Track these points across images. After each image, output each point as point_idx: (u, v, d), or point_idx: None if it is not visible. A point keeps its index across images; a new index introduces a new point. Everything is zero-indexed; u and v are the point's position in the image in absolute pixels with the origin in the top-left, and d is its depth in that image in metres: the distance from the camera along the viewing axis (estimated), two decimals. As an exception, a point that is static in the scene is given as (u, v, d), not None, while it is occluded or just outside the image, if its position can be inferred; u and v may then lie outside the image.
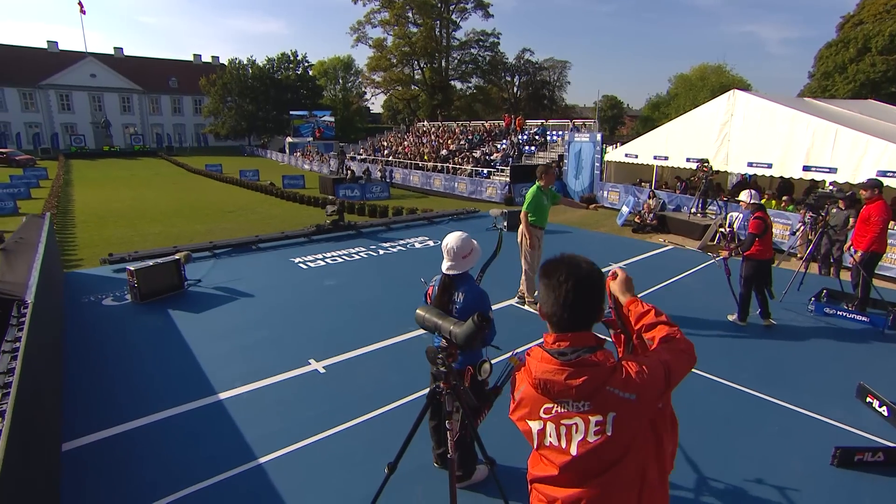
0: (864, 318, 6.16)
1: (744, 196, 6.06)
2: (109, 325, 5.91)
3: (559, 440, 1.39)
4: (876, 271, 6.75)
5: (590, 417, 1.36)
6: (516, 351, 3.00)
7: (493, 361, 2.99)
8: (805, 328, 5.96)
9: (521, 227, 6.39)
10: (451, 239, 2.90)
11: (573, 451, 1.38)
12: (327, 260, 8.67)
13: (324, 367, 4.79)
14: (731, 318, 6.16)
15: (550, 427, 1.40)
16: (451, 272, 2.86)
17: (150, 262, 6.57)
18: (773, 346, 5.42)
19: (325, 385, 4.50)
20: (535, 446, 1.45)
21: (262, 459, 3.46)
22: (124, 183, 27.89)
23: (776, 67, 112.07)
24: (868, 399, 4.23)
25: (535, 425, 1.42)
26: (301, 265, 8.36)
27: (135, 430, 3.85)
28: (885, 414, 4.04)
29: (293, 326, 5.87)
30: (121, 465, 3.45)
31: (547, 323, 1.47)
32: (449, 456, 2.31)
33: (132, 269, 6.32)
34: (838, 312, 6.36)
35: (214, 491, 3.19)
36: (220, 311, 6.32)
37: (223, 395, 4.28)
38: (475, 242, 2.97)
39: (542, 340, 1.48)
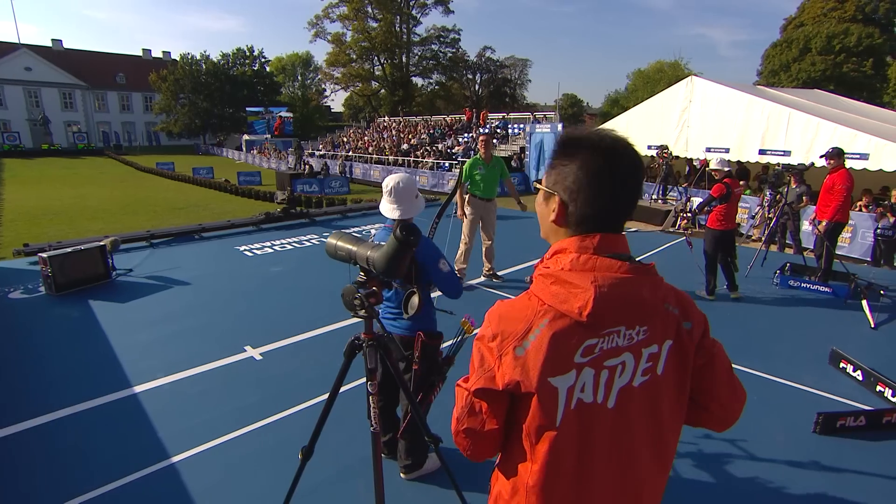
0: (826, 289, 6.08)
1: (713, 164, 5.88)
2: (11, 318, 5.16)
3: (595, 393, 0.95)
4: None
5: (642, 350, 0.97)
6: (469, 316, 2.61)
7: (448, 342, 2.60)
8: (771, 300, 5.83)
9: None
10: (395, 178, 2.40)
11: (611, 402, 0.96)
12: (276, 247, 8.06)
13: (261, 354, 4.26)
14: (700, 293, 5.97)
15: (587, 375, 0.94)
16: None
17: (69, 250, 5.84)
18: (742, 318, 5.24)
19: (260, 373, 3.97)
20: (553, 421, 0.94)
21: (175, 458, 2.92)
22: (64, 181, 26.14)
23: (727, 69, 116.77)
24: (842, 364, 4.04)
25: (563, 382, 0.92)
26: (246, 253, 7.73)
27: (21, 433, 3.23)
28: (860, 378, 3.85)
29: (230, 313, 5.28)
30: None
31: (576, 222, 0.98)
32: (372, 428, 1.87)
33: (45, 256, 5.58)
34: (802, 284, 6.27)
35: (109, 499, 2.64)
36: (150, 300, 5.67)
37: (139, 388, 3.70)
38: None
39: (558, 250, 0.99)
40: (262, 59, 53.27)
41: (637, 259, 0.98)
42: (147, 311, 5.32)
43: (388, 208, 2.41)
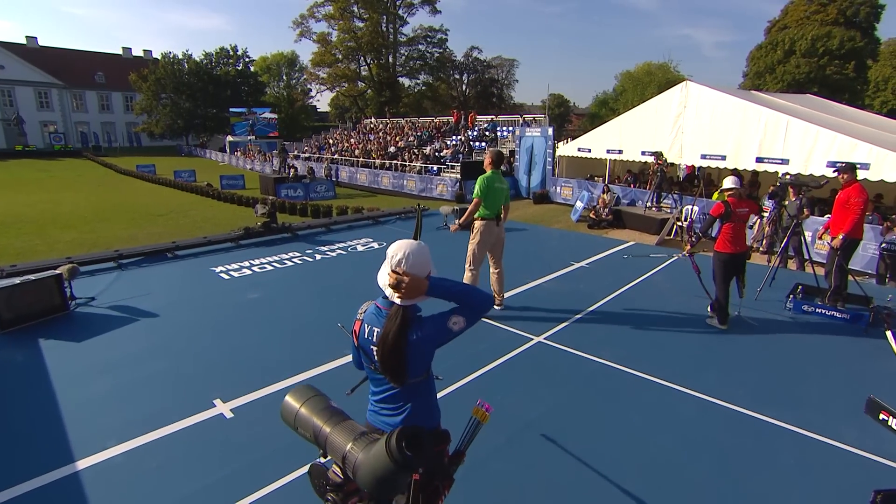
0: (844, 316, 5.72)
1: (726, 183, 5.51)
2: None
3: None
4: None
5: None
6: (482, 401, 2.13)
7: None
8: (787, 330, 5.43)
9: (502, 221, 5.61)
10: (403, 248, 1.80)
11: None
12: (254, 268, 7.49)
13: (232, 410, 3.74)
14: (710, 321, 5.58)
15: None
16: (407, 301, 1.78)
17: (18, 280, 5.24)
18: (760, 354, 4.83)
19: (230, 437, 3.44)
20: None
21: (119, 568, 2.41)
22: (39, 185, 25.24)
23: (711, 70, 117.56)
24: (882, 416, 3.65)
25: None
26: (222, 275, 7.15)
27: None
28: (906, 435, 3.47)
29: (200, 354, 4.72)
30: None
31: None
32: None
33: (-11, 288, 4.99)
34: (817, 310, 5.91)
35: None
36: (111, 337, 5.09)
37: (84, 464, 3.14)
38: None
39: None
40: (247, 59, 52.32)
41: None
42: (105, 351, 4.74)
43: (387, 284, 1.83)
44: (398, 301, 1.76)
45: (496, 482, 3.02)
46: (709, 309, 5.63)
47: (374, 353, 1.80)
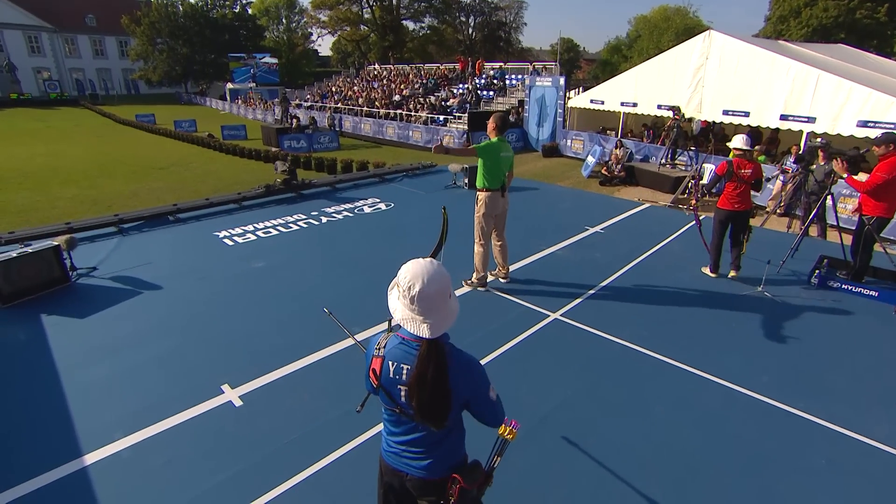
0: (872, 293, 5.49)
1: (735, 143, 5.47)
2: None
3: None
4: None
5: None
6: (508, 420, 1.96)
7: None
8: (812, 308, 5.20)
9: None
10: (420, 274, 1.53)
11: None
12: (259, 233, 7.26)
13: (241, 398, 3.62)
14: (704, 270, 5.95)
15: None
16: (433, 336, 1.55)
17: (14, 253, 5.04)
18: (784, 335, 4.63)
19: (239, 428, 3.33)
20: None
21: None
22: (36, 136, 24.76)
23: (730, 13, 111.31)
24: (916, 410, 3.51)
25: None
26: (226, 241, 6.94)
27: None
28: (941, 431, 3.33)
29: (204, 333, 4.57)
30: None
31: None
32: None
33: (-15, 262, 4.81)
34: (843, 286, 5.68)
35: None
36: (113, 312, 4.93)
37: (91, 458, 3.04)
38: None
39: None
40: (244, 1, 49.96)
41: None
42: (109, 329, 4.59)
43: (409, 317, 1.56)
44: (427, 335, 1.54)
45: (513, 482, 2.91)
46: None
47: (402, 393, 1.61)
